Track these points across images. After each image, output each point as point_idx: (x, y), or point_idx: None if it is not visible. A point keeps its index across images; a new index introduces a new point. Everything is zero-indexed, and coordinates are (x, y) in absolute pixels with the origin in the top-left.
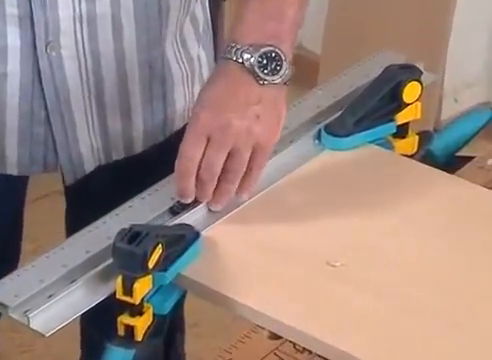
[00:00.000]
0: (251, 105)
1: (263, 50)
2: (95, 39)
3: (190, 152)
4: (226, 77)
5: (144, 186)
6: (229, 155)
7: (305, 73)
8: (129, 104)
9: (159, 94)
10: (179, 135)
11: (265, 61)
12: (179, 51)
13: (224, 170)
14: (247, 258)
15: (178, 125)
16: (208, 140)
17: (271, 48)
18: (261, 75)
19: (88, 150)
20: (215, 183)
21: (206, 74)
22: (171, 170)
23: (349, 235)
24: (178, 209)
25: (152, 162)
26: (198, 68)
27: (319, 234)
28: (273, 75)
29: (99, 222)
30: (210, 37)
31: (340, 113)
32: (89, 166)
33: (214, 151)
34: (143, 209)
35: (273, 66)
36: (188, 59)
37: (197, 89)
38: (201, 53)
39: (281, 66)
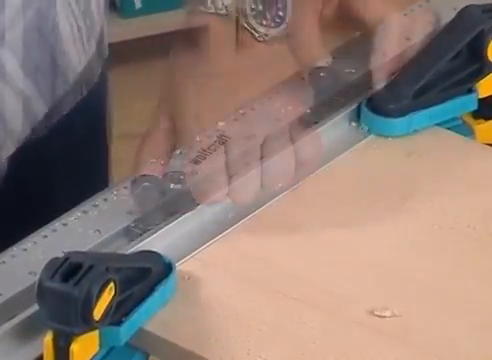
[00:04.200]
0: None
1: None
2: None
3: None
4: (203, 46)
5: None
6: None
7: None
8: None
9: (46, 63)
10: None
11: (260, 6)
12: None
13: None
14: (246, 305)
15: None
16: None
17: None
18: (260, 29)
19: None
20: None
21: None
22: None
23: (405, 271)
24: (139, 228)
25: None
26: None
27: (358, 268)
28: (277, 26)
29: (17, 249)
30: None
31: (390, 79)
32: None
33: None
34: (85, 229)
35: (274, 12)
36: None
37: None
38: None
39: (285, 4)
